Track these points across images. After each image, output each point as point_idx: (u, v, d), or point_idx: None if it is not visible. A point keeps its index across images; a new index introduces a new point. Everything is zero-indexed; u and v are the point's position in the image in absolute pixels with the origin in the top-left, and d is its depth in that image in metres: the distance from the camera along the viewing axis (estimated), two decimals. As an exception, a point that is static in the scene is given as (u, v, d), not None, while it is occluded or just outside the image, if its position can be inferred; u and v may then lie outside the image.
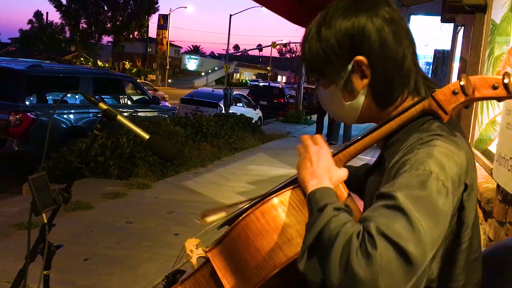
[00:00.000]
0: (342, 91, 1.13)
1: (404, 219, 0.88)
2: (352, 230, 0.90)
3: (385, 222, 0.88)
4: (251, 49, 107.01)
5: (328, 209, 0.96)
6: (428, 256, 0.89)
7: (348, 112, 1.16)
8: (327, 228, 0.93)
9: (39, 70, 7.57)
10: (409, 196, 0.91)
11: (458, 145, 1.02)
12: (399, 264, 0.85)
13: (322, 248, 0.93)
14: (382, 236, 0.86)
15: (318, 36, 1.11)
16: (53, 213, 1.48)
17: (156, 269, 3.62)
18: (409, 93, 1.12)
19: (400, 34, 1.09)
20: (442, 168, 0.95)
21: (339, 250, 0.88)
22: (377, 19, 1.07)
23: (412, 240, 0.86)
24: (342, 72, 1.11)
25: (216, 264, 1.16)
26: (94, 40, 44.90)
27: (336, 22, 1.09)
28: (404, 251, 0.85)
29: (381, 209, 0.91)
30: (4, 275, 3.31)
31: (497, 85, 0.99)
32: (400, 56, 1.09)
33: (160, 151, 1.48)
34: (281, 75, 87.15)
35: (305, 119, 17.77)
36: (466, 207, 1.03)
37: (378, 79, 1.09)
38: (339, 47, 1.09)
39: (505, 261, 1.28)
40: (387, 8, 1.10)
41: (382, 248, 0.85)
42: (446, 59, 8.42)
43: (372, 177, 1.17)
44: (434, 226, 0.90)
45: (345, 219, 0.94)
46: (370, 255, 0.84)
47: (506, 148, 2.76)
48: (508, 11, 3.78)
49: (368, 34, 1.07)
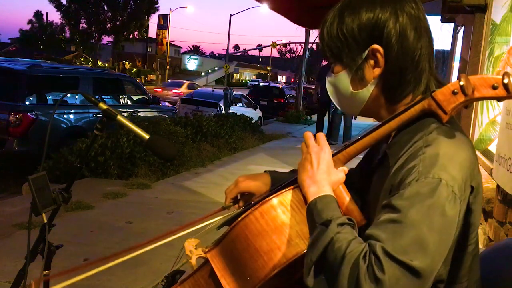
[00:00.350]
0: (352, 78, 1.13)
1: (411, 233, 0.89)
2: (357, 251, 0.91)
3: (391, 240, 0.89)
4: (251, 49, 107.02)
5: (332, 226, 0.97)
6: (438, 265, 0.91)
7: (354, 101, 1.16)
8: (331, 247, 0.94)
9: (39, 70, 7.57)
10: (418, 207, 0.91)
11: (462, 147, 1.02)
12: (408, 281, 0.86)
13: (328, 268, 0.93)
14: (389, 257, 0.87)
15: (340, 19, 1.12)
16: (53, 213, 1.48)
17: (156, 269, 3.62)
18: (420, 93, 1.12)
19: (421, 32, 1.10)
20: (450, 174, 0.95)
21: (347, 274, 0.89)
22: (402, 13, 1.08)
23: (419, 254, 0.87)
24: (357, 58, 1.11)
25: (215, 264, 1.16)
26: (94, 40, 44.88)
27: (360, 9, 1.10)
28: (411, 267, 0.86)
29: (387, 224, 0.92)
30: (4, 275, 3.30)
31: (496, 85, 0.99)
32: (417, 53, 1.09)
33: (160, 151, 1.48)
34: (281, 75, 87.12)
35: (305, 119, 17.76)
36: (473, 210, 1.04)
37: (391, 71, 1.09)
38: (359, 33, 1.09)
39: (505, 261, 1.28)
40: (413, 4, 1.11)
41: (390, 270, 0.86)
42: (446, 59, 8.41)
43: (376, 176, 1.16)
44: (443, 235, 0.91)
45: (349, 236, 0.95)
46: (379, 279, 0.86)
47: (505, 148, 2.76)
48: (508, 11, 3.78)
49: (390, 26, 1.07)
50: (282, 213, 1.10)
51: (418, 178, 0.95)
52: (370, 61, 1.10)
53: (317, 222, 1.00)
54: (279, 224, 1.09)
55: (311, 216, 1.03)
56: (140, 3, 43.17)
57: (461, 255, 1.07)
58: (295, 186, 1.13)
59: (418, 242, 0.88)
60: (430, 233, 0.89)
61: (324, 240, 0.95)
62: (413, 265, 0.86)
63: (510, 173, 2.58)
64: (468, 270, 1.09)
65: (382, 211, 0.95)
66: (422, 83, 1.11)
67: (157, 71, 51.28)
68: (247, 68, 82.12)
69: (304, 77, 19.77)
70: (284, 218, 1.09)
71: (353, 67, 1.12)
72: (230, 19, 34.84)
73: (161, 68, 51.25)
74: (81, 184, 5.89)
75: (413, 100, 1.11)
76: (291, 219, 1.09)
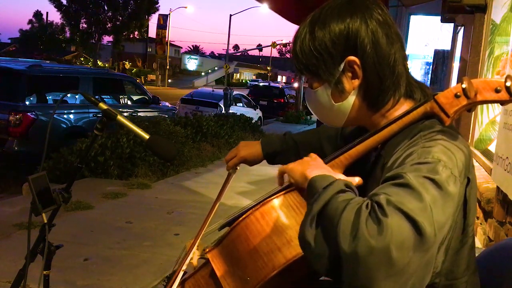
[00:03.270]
0: (332, 91, 1.12)
1: (415, 196, 0.87)
2: (361, 200, 0.89)
3: (396, 196, 0.86)
4: (251, 49, 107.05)
5: (339, 182, 0.96)
6: (438, 238, 0.88)
7: (336, 114, 1.15)
8: (335, 199, 0.92)
9: (39, 70, 7.57)
10: (420, 178, 0.90)
11: (458, 145, 1.02)
12: (411, 235, 0.83)
13: (330, 217, 0.91)
14: (393, 207, 0.85)
15: (312, 35, 1.11)
16: (53, 213, 1.47)
17: (156, 269, 3.62)
18: (400, 96, 1.12)
19: (393, 37, 1.10)
20: (449, 157, 0.95)
21: (349, 218, 0.86)
22: (371, 21, 1.08)
23: (424, 217, 0.85)
24: (334, 71, 1.11)
25: (216, 264, 1.16)
26: (94, 40, 44.85)
27: (330, 22, 1.09)
28: (416, 222, 0.83)
29: (391, 187, 0.90)
30: (4, 275, 3.30)
31: (499, 89, 0.98)
32: (391, 58, 1.09)
33: (160, 151, 1.48)
34: (281, 75, 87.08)
35: (305, 119, 17.77)
36: (469, 201, 1.03)
37: (370, 80, 1.09)
38: (333, 46, 1.09)
39: (505, 261, 1.28)
40: (379, 11, 1.10)
41: (393, 217, 0.83)
42: (446, 59, 8.42)
43: (371, 179, 1.15)
44: (443, 208, 0.89)
45: (352, 195, 0.93)
46: (381, 221, 0.83)
47: (503, 148, 2.76)
48: (508, 11, 3.78)
49: (363, 35, 1.07)
50: (283, 214, 1.10)
51: (418, 159, 0.94)
52: (347, 73, 1.10)
53: (320, 187, 0.97)
54: (280, 225, 1.09)
55: (311, 190, 1.00)
56: (140, 3, 43.13)
57: (461, 249, 1.07)
58: (296, 187, 1.13)
59: (422, 207, 0.85)
60: (432, 202, 0.87)
61: (329, 192, 0.93)
62: (418, 220, 0.83)
63: (507, 173, 2.58)
64: (467, 265, 1.10)
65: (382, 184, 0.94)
66: (402, 86, 1.12)
67: (157, 71, 51.25)
68: (247, 68, 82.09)
69: (304, 77, 19.75)
70: (284, 219, 1.09)
71: (332, 81, 1.11)
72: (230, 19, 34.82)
73: (161, 68, 51.22)
74: (81, 184, 5.89)
75: (395, 103, 1.12)
76: (292, 220, 1.09)
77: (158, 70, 51.40)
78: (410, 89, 1.13)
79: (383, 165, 1.07)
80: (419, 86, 1.15)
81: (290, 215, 1.10)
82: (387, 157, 1.07)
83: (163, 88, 43.82)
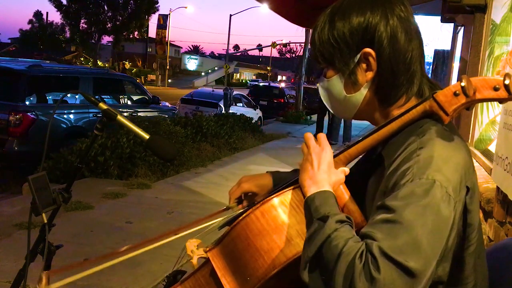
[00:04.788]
0: (345, 82, 1.14)
1: (405, 233, 0.89)
2: (354, 250, 0.91)
3: (387, 240, 0.89)
4: (251, 49, 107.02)
5: (330, 222, 0.97)
6: (432, 265, 0.90)
7: (347, 105, 1.16)
8: (328, 244, 0.94)
9: (39, 70, 7.57)
10: (413, 207, 0.91)
11: (456, 148, 1.02)
12: (403, 281, 0.86)
13: (324, 265, 0.93)
14: (385, 257, 0.87)
15: (331, 24, 1.12)
16: (53, 213, 1.47)
17: (156, 269, 3.62)
18: (413, 94, 1.12)
19: (412, 34, 1.11)
20: (444, 176, 0.96)
21: (342, 272, 0.89)
22: (392, 16, 1.09)
23: (414, 254, 0.88)
24: (349, 62, 1.12)
25: (216, 264, 1.16)
26: (94, 40, 44.85)
27: (351, 14, 1.10)
28: (406, 267, 0.86)
29: (383, 224, 0.92)
30: (4, 275, 3.31)
31: (498, 87, 0.98)
32: (408, 55, 1.09)
33: (160, 151, 1.48)
34: (281, 75, 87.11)
35: (305, 119, 17.77)
36: (471, 210, 1.03)
37: (384, 74, 1.10)
38: (351, 37, 1.10)
39: (505, 261, 1.28)
40: (402, 7, 1.11)
41: (385, 270, 0.86)
42: (446, 59, 8.42)
43: (372, 178, 1.16)
44: (437, 235, 0.92)
45: (347, 235, 0.94)
46: (374, 278, 0.86)
47: (503, 148, 2.76)
48: (508, 11, 3.78)
49: (381, 29, 1.08)
50: (283, 212, 1.10)
51: (413, 179, 0.95)
52: (362, 65, 1.11)
53: (315, 217, 0.99)
54: (280, 224, 1.09)
55: (308, 210, 1.03)
56: (140, 3, 43.15)
57: (462, 256, 1.06)
58: (296, 186, 1.13)
59: (412, 243, 0.88)
60: (424, 234, 0.89)
61: (322, 236, 0.95)
62: (409, 266, 0.86)
63: (506, 173, 2.58)
64: (473, 270, 1.09)
65: (377, 212, 0.95)
66: (415, 85, 1.12)
67: (157, 71, 51.27)
68: (247, 68, 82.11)
69: (304, 77, 19.77)
70: (284, 217, 1.10)
71: (346, 71, 1.12)
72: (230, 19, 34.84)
73: (161, 68, 51.24)
74: (81, 184, 5.89)
75: (406, 101, 1.12)
76: (292, 219, 1.09)
77: (158, 70, 51.41)
78: (422, 87, 1.13)
79: (383, 166, 1.07)
80: (430, 86, 1.14)
81: (290, 214, 1.10)
82: (387, 159, 1.07)
83: (163, 88, 43.80)
